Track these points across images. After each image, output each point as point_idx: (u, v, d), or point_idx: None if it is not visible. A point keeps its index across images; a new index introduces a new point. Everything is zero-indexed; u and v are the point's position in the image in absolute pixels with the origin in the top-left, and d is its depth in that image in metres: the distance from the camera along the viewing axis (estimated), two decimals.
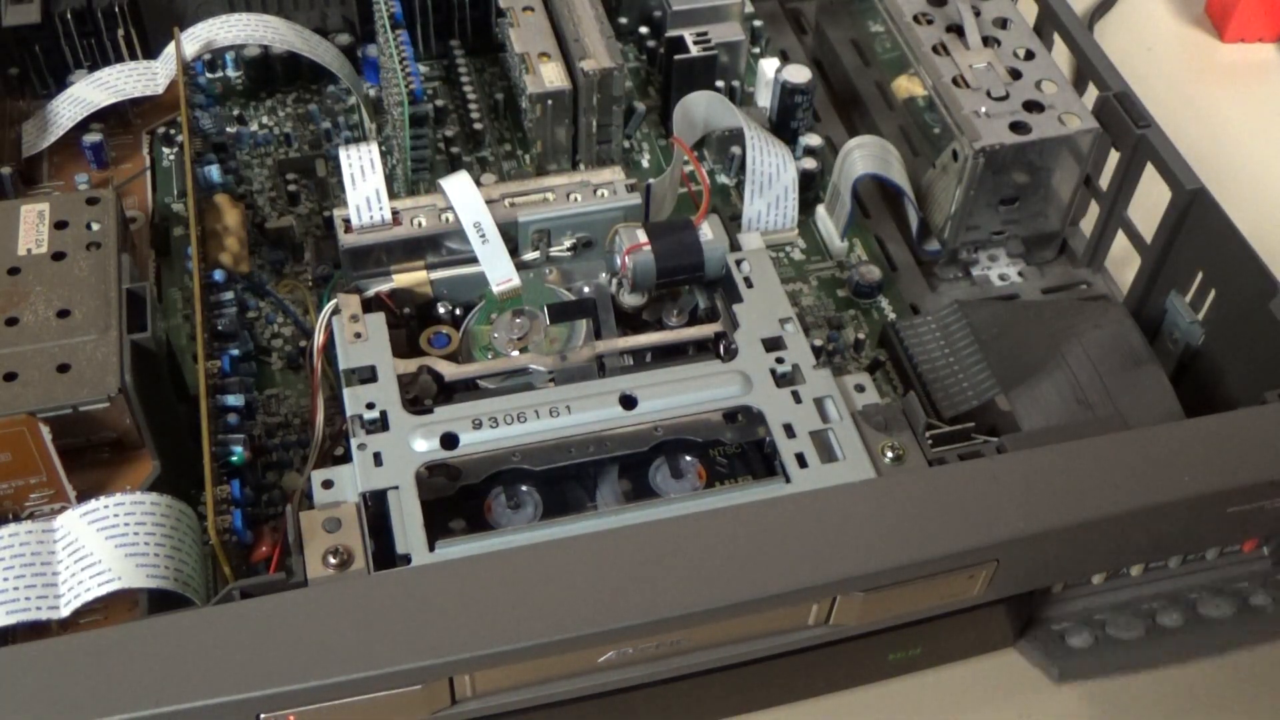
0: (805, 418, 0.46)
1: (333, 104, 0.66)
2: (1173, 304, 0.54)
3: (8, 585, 0.40)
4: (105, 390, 0.44)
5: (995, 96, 0.56)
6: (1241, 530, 0.46)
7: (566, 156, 0.62)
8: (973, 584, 0.43)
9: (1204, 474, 0.42)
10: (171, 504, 0.42)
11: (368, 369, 0.47)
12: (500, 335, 0.50)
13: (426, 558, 0.41)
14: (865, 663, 0.47)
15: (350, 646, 0.37)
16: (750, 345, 0.49)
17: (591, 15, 0.61)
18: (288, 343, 0.55)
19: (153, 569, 0.40)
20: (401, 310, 0.52)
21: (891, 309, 0.58)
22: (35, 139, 0.60)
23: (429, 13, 0.67)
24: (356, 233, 0.51)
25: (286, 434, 0.52)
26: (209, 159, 0.58)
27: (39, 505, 0.45)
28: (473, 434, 0.45)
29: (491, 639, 0.37)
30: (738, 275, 0.51)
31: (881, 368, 0.55)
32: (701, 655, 0.42)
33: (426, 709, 0.40)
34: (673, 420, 0.46)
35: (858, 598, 0.41)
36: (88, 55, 0.64)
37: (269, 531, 0.47)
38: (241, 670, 0.36)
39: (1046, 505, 0.41)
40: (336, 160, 0.53)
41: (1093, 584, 0.48)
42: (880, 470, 0.44)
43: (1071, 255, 0.61)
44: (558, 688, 0.41)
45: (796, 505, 0.42)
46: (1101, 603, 0.49)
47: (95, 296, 0.47)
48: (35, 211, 0.50)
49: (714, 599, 0.39)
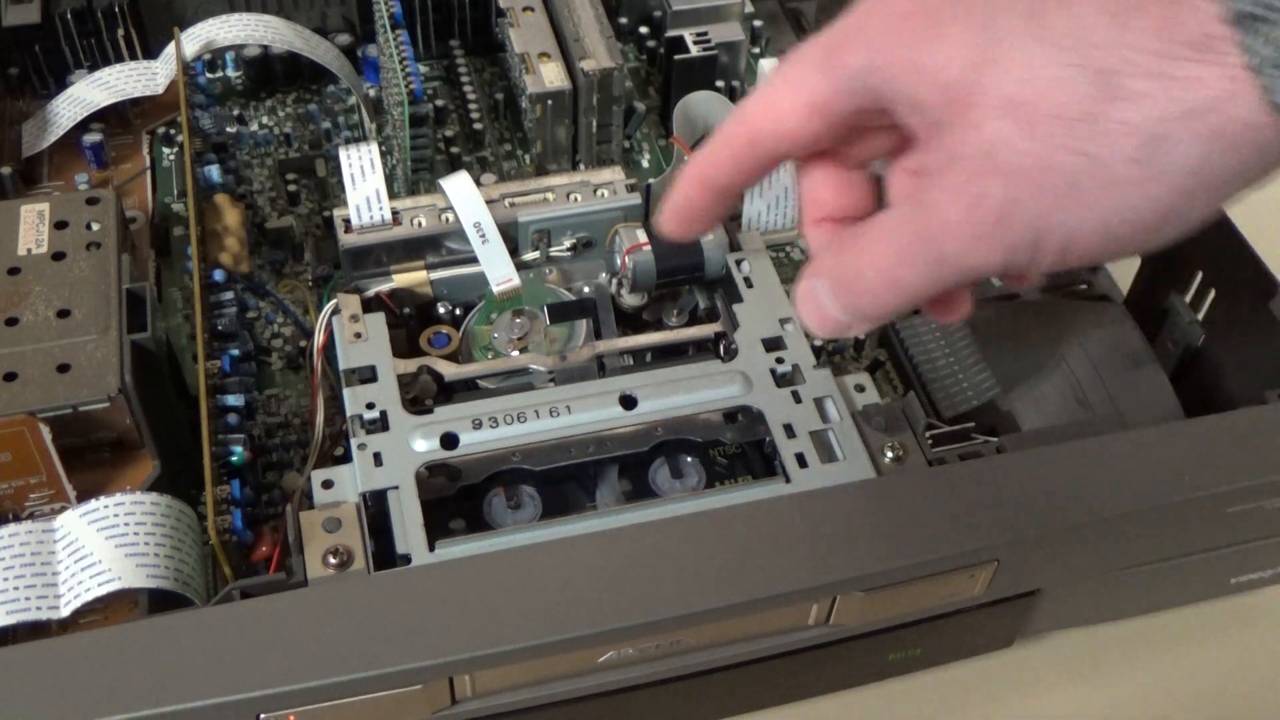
0: (805, 418, 0.46)
1: (333, 104, 0.66)
2: (1173, 304, 0.54)
3: (8, 585, 0.40)
4: (105, 390, 0.44)
5: None
6: (1241, 530, 0.46)
7: (566, 156, 0.62)
8: (973, 584, 0.43)
9: (1204, 474, 0.42)
10: (171, 504, 0.42)
11: (368, 369, 0.47)
12: (500, 335, 0.50)
13: (426, 558, 0.41)
14: (865, 663, 0.47)
15: (350, 646, 0.37)
16: (750, 345, 0.49)
17: (591, 15, 0.60)
18: (288, 343, 0.55)
19: (153, 569, 0.40)
20: (401, 310, 0.52)
21: None
22: (35, 139, 0.60)
23: (429, 13, 0.67)
24: (356, 233, 0.51)
25: (286, 434, 0.52)
26: (209, 159, 0.58)
27: (39, 505, 0.45)
28: (473, 434, 0.45)
29: (491, 639, 0.37)
30: (738, 275, 0.51)
31: (881, 368, 0.55)
32: (701, 655, 0.42)
33: (426, 709, 0.40)
34: (673, 420, 0.46)
35: (858, 598, 0.41)
36: (88, 55, 0.64)
37: (269, 531, 0.47)
38: (241, 670, 0.36)
39: (1046, 505, 0.41)
40: (336, 160, 0.53)
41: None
42: (880, 470, 0.44)
43: None
44: (558, 688, 0.41)
45: (796, 505, 0.42)
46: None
47: (95, 296, 0.47)
48: (35, 211, 0.50)
49: (714, 599, 0.39)
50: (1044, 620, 0.48)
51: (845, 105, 0.32)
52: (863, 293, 0.32)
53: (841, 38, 0.31)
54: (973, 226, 0.29)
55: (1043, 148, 0.28)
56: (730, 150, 0.34)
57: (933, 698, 0.49)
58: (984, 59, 0.28)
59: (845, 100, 0.32)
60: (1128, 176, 0.27)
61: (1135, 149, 0.27)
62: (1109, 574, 0.46)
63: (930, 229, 0.30)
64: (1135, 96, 0.26)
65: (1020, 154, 0.28)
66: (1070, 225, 0.28)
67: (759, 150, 0.34)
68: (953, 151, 0.29)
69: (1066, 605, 0.47)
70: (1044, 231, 0.28)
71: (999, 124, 0.28)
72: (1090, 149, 0.27)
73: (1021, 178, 0.28)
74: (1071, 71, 0.27)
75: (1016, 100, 0.28)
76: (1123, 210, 0.28)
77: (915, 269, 0.31)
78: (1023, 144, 0.28)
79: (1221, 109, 0.26)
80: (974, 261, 0.30)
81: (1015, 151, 0.28)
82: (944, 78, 0.29)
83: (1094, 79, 0.27)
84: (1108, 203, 0.28)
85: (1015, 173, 0.28)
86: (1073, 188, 0.28)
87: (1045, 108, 0.27)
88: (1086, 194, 0.28)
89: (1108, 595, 0.48)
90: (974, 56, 0.28)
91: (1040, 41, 0.28)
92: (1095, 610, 0.49)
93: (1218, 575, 0.49)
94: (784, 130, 0.33)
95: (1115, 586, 0.47)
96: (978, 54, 0.28)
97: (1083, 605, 0.48)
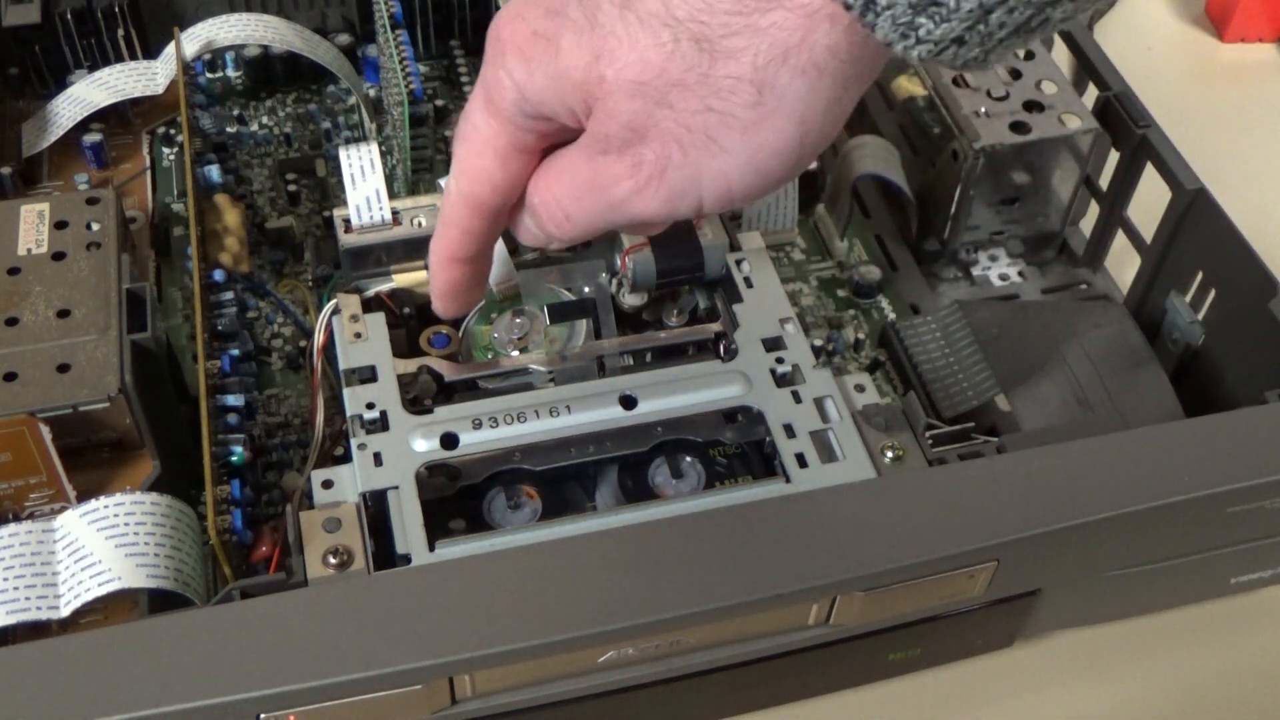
0: (805, 418, 0.46)
1: (333, 104, 0.66)
2: (1173, 304, 0.54)
3: (8, 585, 0.40)
4: (105, 390, 0.44)
5: (995, 96, 0.56)
6: (1241, 530, 0.46)
7: None
8: (973, 584, 0.43)
9: (1204, 474, 0.42)
10: (171, 504, 0.42)
11: (368, 369, 0.47)
12: (500, 335, 0.50)
13: (426, 558, 0.41)
14: (865, 663, 0.47)
15: (350, 646, 0.37)
16: (750, 345, 0.49)
17: None
18: (288, 343, 0.55)
19: (153, 569, 0.40)
20: (401, 310, 0.52)
21: (891, 309, 0.58)
22: (35, 139, 0.60)
23: (429, 13, 0.67)
24: (356, 233, 0.51)
25: (286, 434, 0.52)
26: (209, 159, 0.58)
27: (39, 505, 0.45)
28: (473, 434, 0.45)
29: (491, 639, 0.37)
30: (738, 275, 0.51)
31: (881, 368, 0.55)
32: (701, 655, 0.42)
33: (426, 709, 0.40)
34: (673, 420, 0.46)
35: (858, 598, 0.41)
36: (88, 55, 0.64)
37: (269, 531, 0.47)
38: (241, 670, 0.36)
39: (1046, 505, 0.41)
40: (336, 160, 0.53)
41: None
42: (880, 470, 0.44)
43: (1071, 255, 0.61)
44: (558, 688, 0.41)
45: (796, 505, 0.42)
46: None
47: (95, 296, 0.47)
48: (35, 211, 0.50)
49: (714, 599, 0.39)
50: (1044, 620, 0.48)
51: (525, 137, 0.35)
52: (546, 220, 0.36)
53: (491, 83, 0.35)
54: (634, 184, 0.33)
55: (676, 113, 0.31)
56: (460, 227, 0.38)
57: (933, 698, 0.49)
58: (597, 55, 0.32)
59: (522, 133, 0.35)
60: (752, 119, 0.31)
61: (750, 96, 0.30)
62: (1109, 574, 0.46)
63: (601, 181, 0.33)
64: (734, 53, 0.30)
65: (659, 122, 0.31)
66: (722, 170, 0.32)
67: (484, 212, 0.37)
68: (606, 133, 0.33)
69: (1066, 605, 0.47)
70: (699, 180, 0.32)
71: (631, 104, 0.32)
72: (715, 104, 0.31)
73: (667, 141, 0.32)
74: (673, 45, 0.31)
75: (638, 81, 0.31)
76: (760, 148, 0.31)
77: (589, 211, 0.34)
78: (658, 113, 0.31)
79: (805, 43, 0.30)
80: (639, 211, 0.33)
81: (654, 121, 0.32)
82: (574, 80, 0.32)
83: (695, 46, 0.30)
84: (746, 145, 0.31)
85: (660, 138, 0.32)
86: (711, 140, 0.31)
87: (665, 81, 0.31)
88: (725, 141, 0.31)
89: (1108, 595, 0.48)
90: (588, 56, 0.32)
91: (639, 25, 0.31)
92: (1095, 610, 0.49)
93: (1218, 575, 0.49)
94: (495, 185, 0.36)
95: (1115, 586, 0.47)
96: (590, 53, 0.32)
97: (1083, 605, 0.48)
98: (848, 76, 0.31)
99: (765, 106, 0.30)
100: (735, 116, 0.31)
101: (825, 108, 0.31)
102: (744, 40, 0.30)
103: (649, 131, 0.32)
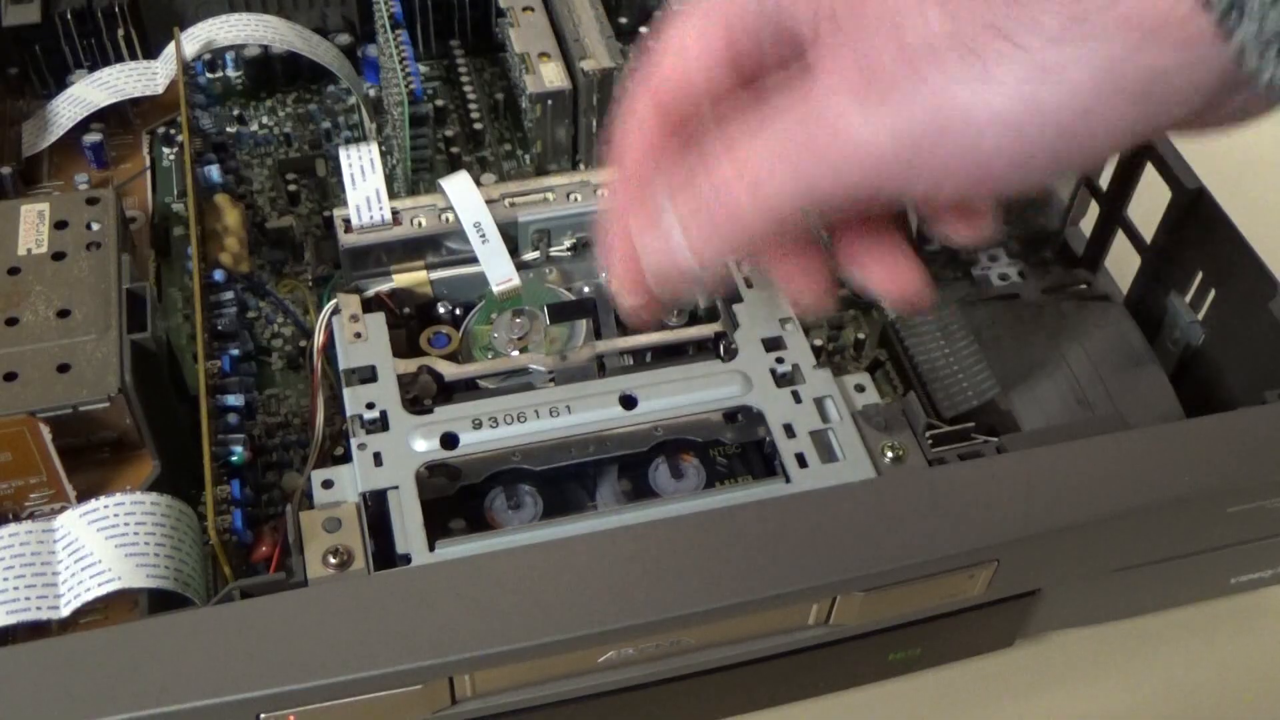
0: (805, 418, 0.46)
1: (333, 104, 0.66)
2: (1173, 304, 0.54)
3: (8, 585, 0.40)
4: (105, 390, 0.44)
5: None
6: (1241, 530, 0.46)
7: (567, 156, 0.62)
8: (973, 584, 0.43)
9: (1204, 474, 0.42)
10: (171, 504, 0.42)
11: (368, 369, 0.47)
12: (500, 335, 0.50)
13: (426, 558, 0.41)
14: (865, 663, 0.47)
15: (350, 646, 0.37)
16: (750, 345, 0.49)
17: (591, 15, 0.60)
18: (288, 343, 0.55)
19: (153, 569, 0.40)
20: (401, 310, 0.52)
21: (891, 309, 0.58)
22: (35, 139, 0.60)
23: (429, 13, 0.67)
24: (356, 233, 0.51)
25: (286, 434, 0.52)
26: (209, 159, 0.58)
27: (39, 505, 0.45)
28: (473, 434, 0.45)
29: (491, 639, 0.37)
30: (738, 275, 0.51)
31: (881, 368, 0.55)
32: (701, 655, 0.42)
33: (426, 709, 0.40)
34: (673, 420, 0.46)
35: (858, 598, 0.41)
36: (88, 55, 0.64)
37: (269, 531, 0.47)
38: (241, 670, 0.36)
39: (1046, 505, 0.41)
40: (336, 160, 0.53)
41: None
42: (880, 470, 0.44)
43: (1071, 255, 0.61)
44: (558, 688, 0.41)
45: (796, 505, 0.42)
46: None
47: (95, 296, 0.47)
48: (35, 211, 0.50)
49: (714, 599, 0.39)
50: (1044, 620, 0.48)
51: (742, 40, 0.30)
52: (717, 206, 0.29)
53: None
54: (858, 100, 0.26)
55: (963, 27, 0.26)
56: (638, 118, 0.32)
57: (933, 698, 0.49)
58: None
59: (754, 23, 0.30)
60: (1045, 63, 0.25)
61: (1057, 28, 0.25)
62: (1109, 574, 0.46)
63: (816, 110, 0.27)
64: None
65: (937, 35, 0.26)
66: (986, 101, 0.26)
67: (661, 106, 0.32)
68: (853, 34, 0.27)
69: (1066, 605, 0.47)
70: (942, 112, 0.26)
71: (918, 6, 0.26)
72: (1013, 32, 0.25)
73: (936, 60, 0.26)
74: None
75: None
76: (1033, 96, 0.26)
77: (789, 168, 0.28)
78: (941, 26, 0.26)
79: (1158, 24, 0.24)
80: (863, 144, 0.27)
81: (931, 33, 0.26)
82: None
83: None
84: (1020, 85, 0.26)
85: (927, 55, 0.26)
86: (980, 60, 0.26)
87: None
88: (998, 71, 0.26)
89: (1108, 595, 0.48)
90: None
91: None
92: (1095, 610, 0.49)
93: (1217, 575, 0.49)
94: (688, 75, 0.31)
95: (1115, 586, 0.47)
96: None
97: (1083, 605, 0.48)
98: (1171, 67, 0.25)
99: (1068, 49, 0.25)
100: (1031, 52, 0.25)
101: (1128, 85, 0.25)
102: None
103: (914, 44, 0.26)
